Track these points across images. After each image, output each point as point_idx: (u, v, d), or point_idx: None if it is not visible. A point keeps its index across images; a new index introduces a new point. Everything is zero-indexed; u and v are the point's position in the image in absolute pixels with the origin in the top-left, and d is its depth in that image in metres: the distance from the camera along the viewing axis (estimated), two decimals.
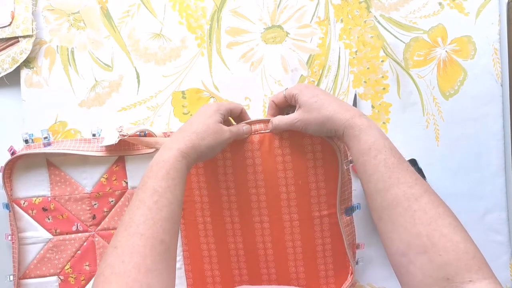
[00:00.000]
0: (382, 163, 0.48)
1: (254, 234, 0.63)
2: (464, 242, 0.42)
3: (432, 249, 0.42)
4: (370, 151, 0.50)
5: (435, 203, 0.45)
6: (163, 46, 0.68)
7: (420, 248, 0.43)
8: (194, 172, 0.64)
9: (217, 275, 0.66)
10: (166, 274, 0.43)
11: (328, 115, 0.54)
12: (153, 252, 0.43)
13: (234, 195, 0.62)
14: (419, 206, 0.45)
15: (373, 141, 0.50)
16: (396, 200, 0.46)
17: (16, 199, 0.66)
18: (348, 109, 0.54)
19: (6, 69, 0.67)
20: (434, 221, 0.43)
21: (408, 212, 0.45)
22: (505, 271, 0.67)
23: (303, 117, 0.57)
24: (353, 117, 0.53)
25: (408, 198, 0.45)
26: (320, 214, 0.62)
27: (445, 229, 0.43)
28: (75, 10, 0.69)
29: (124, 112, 0.68)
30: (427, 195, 0.46)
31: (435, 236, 0.42)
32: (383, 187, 0.47)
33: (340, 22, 0.68)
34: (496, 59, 0.67)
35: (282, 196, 0.62)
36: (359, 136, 0.51)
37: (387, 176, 0.47)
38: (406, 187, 0.46)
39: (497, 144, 0.67)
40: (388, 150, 0.49)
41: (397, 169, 0.48)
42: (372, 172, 0.49)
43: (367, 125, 0.51)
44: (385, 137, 0.51)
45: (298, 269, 0.64)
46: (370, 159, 0.49)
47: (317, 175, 0.61)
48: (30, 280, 0.66)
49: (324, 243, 0.63)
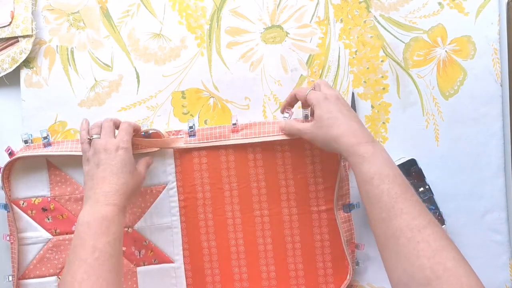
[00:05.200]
0: (385, 192, 0.48)
1: (255, 229, 0.66)
2: (467, 276, 0.42)
3: (436, 282, 0.42)
4: (373, 180, 0.49)
5: (439, 235, 0.45)
6: (162, 46, 0.68)
7: (423, 280, 0.42)
8: (197, 168, 0.66)
9: (216, 273, 0.66)
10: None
11: (335, 136, 0.54)
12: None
13: (236, 189, 0.65)
14: (422, 237, 0.44)
15: (376, 170, 0.49)
16: (400, 231, 0.46)
17: (15, 199, 0.66)
18: (356, 134, 0.53)
19: (6, 69, 0.67)
20: (438, 254, 0.43)
21: (411, 244, 0.44)
22: (505, 271, 0.67)
23: (313, 131, 0.57)
24: (358, 144, 0.52)
25: (412, 229, 0.45)
26: (319, 209, 0.65)
27: (449, 263, 0.42)
28: (75, 10, 0.69)
29: (124, 112, 0.68)
30: (430, 227, 0.45)
31: (439, 269, 0.42)
32: (386, 217, 0.47)
33: (340, 22, 0.68)
34: (496, 59, 0.67)
35: (282, 190, 0.65)
36: (361, 165, 0.51)
37: (391, 206, 0.47)
38: (410, 218, 0.46)
39: (497, 144, 0.67)
40: (392, 180, 0.49)
41: (401, 199, 0.47)
42: (375, 201, 0.49)
43: (372, 153, 0.51)
44: (391, 165, 0.50)
45: (297, 267, 0.66)
46: (372, 188, 0.49)
47: (315, 170, 0.65)
48: (29, 281, 0.66)
49: (322, 239, 0.65)
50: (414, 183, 0.66)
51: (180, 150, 0.66)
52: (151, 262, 0.66)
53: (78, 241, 0.50)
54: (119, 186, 0.55)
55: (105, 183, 0.55)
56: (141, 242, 0.66)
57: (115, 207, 0.53)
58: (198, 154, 0.66)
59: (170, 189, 0.66)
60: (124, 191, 0.55)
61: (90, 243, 0.49)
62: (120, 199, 0.54)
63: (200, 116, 0.68)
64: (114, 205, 0.53)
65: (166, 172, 0.66)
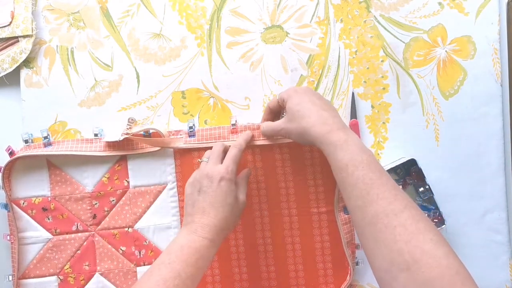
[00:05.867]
0: (360, 179, 0.48)
1: (255, 230, 0.66)
2: (446, 257, 0.41)
3: (414, 266, 0.41)
4: (347, 167, 0.49)
5: (416, 218, 0.44)
6: (162, 46, 0.68)
7: (402, 265, 0.42)
8: (197, 169, 0.65)
9: (216, 273, 0.66)
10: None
11: (306, 127, 0.53)
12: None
13: None
14: (399, 222, 0.44)
15: (350, 157, 0.49)
16: (376, 217, 0.45)
17: (15, 199, 0.66)
18: (327, 122, 0.53)
19: (6, 69, 0.67)
20: (415, 237, 0.43)
21: (388, 229, 0.44)
22: (505, 271, 0.67)
23: (285, 126, 0.57)
24: (330, 132, 0.51)
25: (388, 214, 0.45)
26: (319, 211, 0.65)
27: (427, 245, 0.42)
28: (75, 10, 0.69)
29: (124, 112, 0.68)
30: (407, 210, 0.45)
31: (416, 252, 0.42)
32: (362, 204, 0.47)
33: (340, 22, 0.68)
34: (496, 59, 0.67)
35: (281, 192, 0.65)
36: (334, 153, 0.50)
37: (366, 193, 0.47)
38: (386, 203, 0.45)
39: (497, 144, 0.67)
40: (366, 166, 0.48)
41: (376, 184, 0.47)
42: (351, 189, 0.48)
43: (344, 140, 0.50)
44: (364, 151, 0.50)
45: (297, 267, 0.66)
46: (347, 176, 0.49)
47: (315, 172, 0.65)
48: (29, 280, 0.66)
49: (322, 241, 0.65)
50: (414, 183, 0.66)
51: (180, 150, 0.66)
52: (151, 262, 0.66)
53: (167, 259, 0.51)
54: (218, 221, 0.54)
55: (204, 215, 0.54)
56: (141, 242, 0.66)
57: (210, 243, 0.53)
58: (198, 155, 0.65)
59: (170, 189, 0.66)
60: (223, 227, 0.54)
61: (177, 267, 0.50)
62: (217, 234, 0.54)
63: (200, 116, 0.68)
64: (210, 240, 0.53)
65: (166, 172, 0.66)
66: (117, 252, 0.66)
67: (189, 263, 0.51)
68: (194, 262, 0.51)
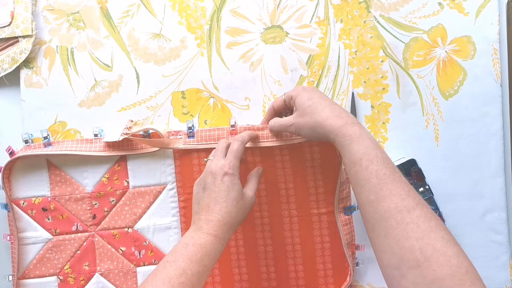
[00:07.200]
0: (374, 174, 0.47)
1: (255, 230, 0.66)
2: (457, 256, 0.41)
3: (425, 264, 0.41)
4: (362, 161, 0.49)
5: (428, 216, 0.44)
6: (162, 46, 0.68)
7: (412, 262, 0.42)
8: (196, 169, 0.65)
9: (216, 274, 0.66)
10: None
11: (320, 120, 0.53)
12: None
13: None
14: (411, 219, 0.44)
15: (365, 151, 0.49)
16: (388, 212, 0.45)
17: (15, 199, 0.66)
18: (341, 116, 0.53)
19: (6, 69, 0.67)
20: (427, 235, 0.43)
21: (400, 225, 0.44)
22: (505, 271, 0.67)
23: (296, 121, 0.57)
24: (345, 125, 0.51)
25: (401, 211, 0.45)
26: (319, 212, 0.65)
27: (438, 243, 0.42)
28: (75, 10, 0.69)
29: (124, 112, 0.68)
30: (419, 208, 0.45)
31: (427, 250, 0.42)
32: (375, 199, 0.47)
33: (340, 22, 0.68)
34: (496, 59, 0.67)
35: (282, 193, 0.65)
36: (349, 146, 0.50)
37: (379, 188, 0.47)
38: (399, 199, 0.45)
39: (496, 144, 0.67)
40: (380, 161, 0.48)
41: (390, 180, 0.47)
42: (364, 183, 0.48)
43: (359, 134, 0.50)
44: (378, 146, 0.50)
45: (297, 268, 0.66)
46: (361, 170, 0.48)
47: (316, 174, 0.65)
48: (29, 280, 0.66)
49: (322, 242, 0.65)
50: (414, 183, 0.66)
51: (180, 151, 0.66)
52: (151, 262, 0.66)
53: (172, 257, 0.51)
54: (222, 216, 0.54)
55: (209, 211, 0.54)
56: (141, 242, 0.66)
57: (215, 238, 0.52)
58: (197, 155, 0.65)
59: (170, 189, 0.66)
60: (227, 221, 0.54)
61: (182, 264, 0.50)
62: (222, 229, 0.53)
63: (200, 116, 0.68)
64: (215, 236, 0.52)
65: (166, 172, 0.66)
66: (117, 253, 0.66)
67: (194, 260, 0.50)
68: (199, 259, 0.51)
